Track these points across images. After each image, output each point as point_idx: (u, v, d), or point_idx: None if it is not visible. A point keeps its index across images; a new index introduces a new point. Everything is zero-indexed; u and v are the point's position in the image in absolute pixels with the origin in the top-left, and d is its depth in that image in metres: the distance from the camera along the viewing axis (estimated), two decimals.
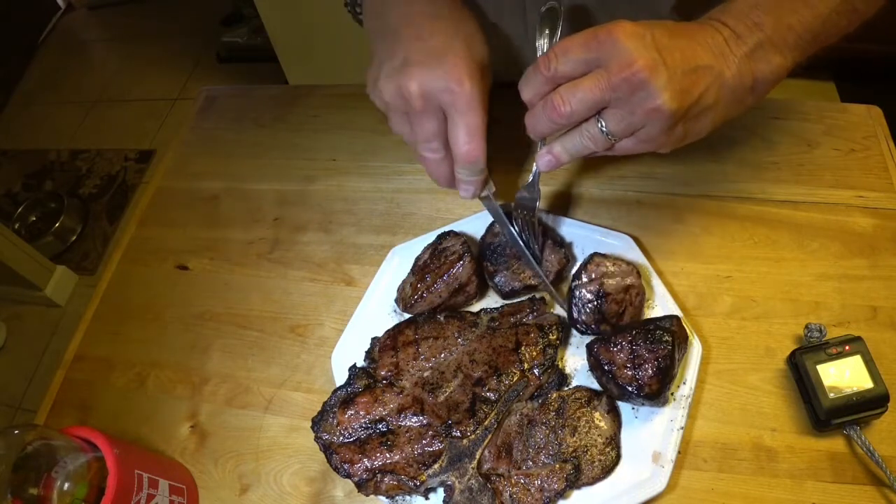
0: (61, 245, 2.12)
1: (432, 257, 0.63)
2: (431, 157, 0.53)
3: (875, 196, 0.67)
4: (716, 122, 0.48)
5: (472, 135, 0.50)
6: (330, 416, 0.56)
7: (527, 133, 0.50)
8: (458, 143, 0.50)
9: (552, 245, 0.62)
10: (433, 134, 0.51)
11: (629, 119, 0.45)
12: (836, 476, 0.53)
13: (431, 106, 0.50)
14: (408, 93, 0.49)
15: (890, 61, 1.76)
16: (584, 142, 0.48)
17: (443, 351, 0.58)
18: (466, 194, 0.56)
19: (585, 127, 0.47)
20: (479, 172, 0.53)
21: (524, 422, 0.55)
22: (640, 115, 0.44)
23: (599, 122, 0.46)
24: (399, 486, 0.53)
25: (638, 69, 0.42)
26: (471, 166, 0.52)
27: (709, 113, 0.47)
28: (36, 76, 2.80)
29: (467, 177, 0.54)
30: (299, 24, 1.72)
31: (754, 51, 0.47)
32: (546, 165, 0.52)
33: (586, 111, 0.46)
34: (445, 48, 0.50)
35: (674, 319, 0.54)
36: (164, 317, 0.72)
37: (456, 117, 0.49)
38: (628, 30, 0.43)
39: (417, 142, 0.53)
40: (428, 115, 0.50)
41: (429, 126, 0.51)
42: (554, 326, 0.57)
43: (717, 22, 0.48)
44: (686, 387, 0.55)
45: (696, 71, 0.45)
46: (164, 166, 0.86)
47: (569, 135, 0.49)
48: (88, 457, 0.50)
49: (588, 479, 0.52)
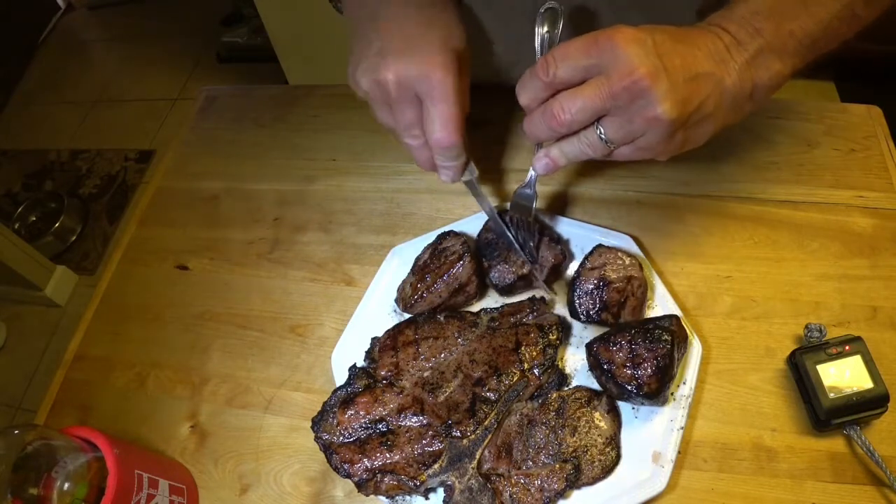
0: (61, 245, 2.12)
1: (432, 257, 0.63)
2: (412, 143, 0.55)
3: (875, 196, 0.67)
4: (715, 129, 0.48)
5: (446, 123, 0.51)
6: (330, 416, 0.56)
7: (525, 137, 0.51)
8: (433, 131, 0.51)
9: (548, 242, 0.63)
10: (412, 122, 0.53)
11: (628, 127, 0.45)
12: (836, 476, 0.53)
13: (408, 95, 0.51)
14: (385, 82, 0.50)
15: (890, 61, 1.76)
16: (583, 147, 0.48)
17: (443, 351, 0.58)
18: (447, 178, 0.57)
19: (584, 134, 0.47)
20: (455, 158, 0.54)
21: (524, 422, 0.55)
22: (640, 123, 0.44)
23: (598, 129, 0.46)
24: (399, 486, 0.53)
25: (639, 77, 0.42)
26: (446, 152, 0.53)
27: (709, 120, 0.47)
28: (36, 76, 2.80)
29: (444, 162, 0.55)
30: (299, 24, 1.72)
31: (755, 57, 0.47)
32: (543, 169, 0.52)
33: (586, 120, 0.45)
34: (422, 38, 0.51)
35: (673, 319, 0.54)
36: (164, 317, 0.72)
37: (430, 106, 0.50)
38: (629, 35, 0.42)
39: (400, 130, 0.54)
40: (406, 103, 0.51)
41: (408, 114, 0.52)
42: (554, 326, 0.57)
43: (718, 28, 0.48)
44: (686, 387, 0.55)
45: (696, 79, 0.44)
46: (164, 166, 0.86)
47: (567, 140, 0.49)
48: (88, 457, 0.50)
49: (588, 479, 0.52)
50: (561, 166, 0.51)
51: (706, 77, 0.45)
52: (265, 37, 1.84)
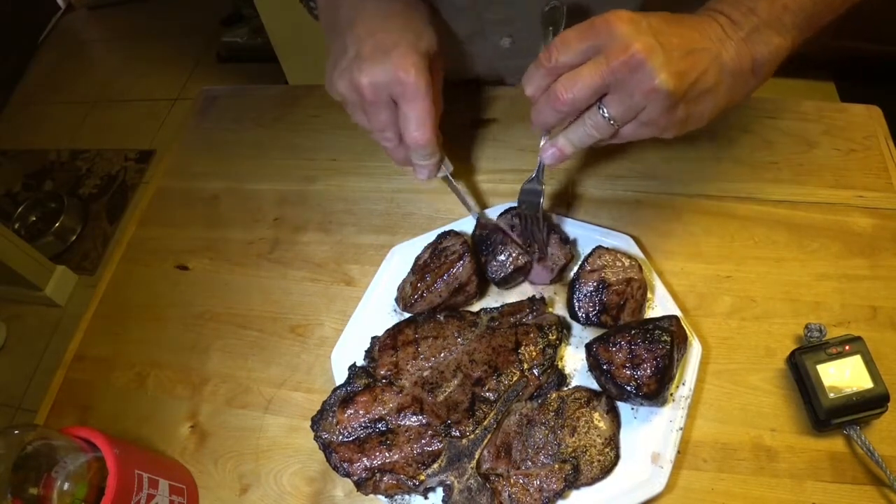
0: (61, 245, 2.12)
1: (432, 257, 0.63)
2: (388, 144, 0.57)
3: (875, 196, 0.67)
4: (718, 106, 0.49)
5: (420, 123, 0.53)
6: (329, 415, 0.56)
7: (532, 128, 0.51)
8: (408, 131, 0.54)
9: (558, 241, 0.62)
10: (386, 124, 0.55)
11: (629, 102, 0.46)
12: (836, 476, 0.53)
13: (382, 97, 0.53)
14: (359, 86, 0.52)
15: (890, 61, 1.75)
16: (588, 130, 0.49)
17: (442, 350, 0.58)
18: (422, 176, 0.60)
19: (588, 115, 0.48)
20: (430, 156, 0.57)
21: (523, 422, 0.55)
22: (640, 96, 0.45)
23: (601, 108, 0.47)
24: (398, 486, 0.53)
25: (635, 51, 0.43)
26: (421, 150, 0.56)
27: (709, 96, 0.48)
28: (36, 76, 2.80)
29: (420, 160, 0.58)
30: (299, 24, 1.72)
31: (751, 34, 0.48)
32: (551, 158, 0.52)
33: (588, 98, 0.46)
34: (394, 42, 0.53)
35: (673, 319, 0.54)
36: (164, 317, 0.72)
37: (405, 107, 0.53)
38: (624, 17, 0.44)
39: (376, 132, 0.57)
40: (380, 106, 0.54)
41: (382, 116, 0.55)
42: (553, 326, 0.57)
43: (713, 11, 0.49)
44: (685, 387, 0.55)
45: (693, 53, 0.45)
46: (164, 166, 0.86)
47: (572, 126, 0.50)
48: (88, 457, 0.50)
49: (587, 479, 0.52)
50: (568, 155, 0.52)
51: (703, 52, 0.46)
52: (265, 37, 1.84)
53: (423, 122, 0.53)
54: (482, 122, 0.79)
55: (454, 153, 0.64)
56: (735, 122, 0.74)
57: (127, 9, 2.95)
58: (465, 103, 0.80)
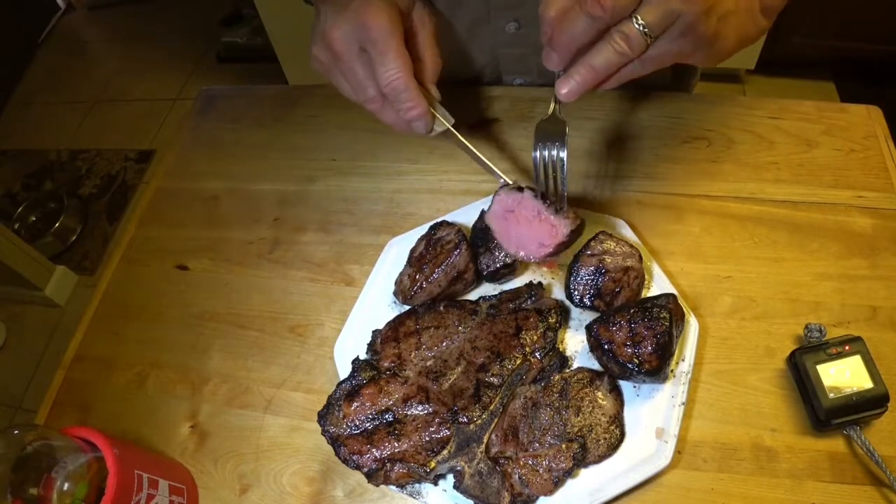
0: (61, 245, 2.12)
1: (428, 248, 0.63)
2: (373, 106, 0.56)
3: (875, 196, 0.67)
4: (739, 34, 0.48)
5: (390, 64, 0.52)
6: (336, 409, 0.56)
7: (545, 59, 0.48)
8: (380, 74, 0.52)
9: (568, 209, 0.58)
10: (364, 78, 0.54)
11: (665, 6, 0.43)
12: (836, 476, 0.53)
13: (353, 49, 0.53)
14: (330, 43, 0.53)
15: (890, 61, 1.76)
16: (617, 47, 0.45)
17: (444, 339, 0.58)
18: (419, 128, 0.57)
19: (618, 28, 0.45)
20: (413, 101, 0.54)
21: (529, 404, 0.55)
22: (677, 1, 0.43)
23: (634, 17, 0.44)
24: (409, 474, 0.53)
25: None
26: (400, 96, 0.53)
27: (732, 18, 0.47)
28: (36, 76, 2.80)
29: (407, 112, 0.55)
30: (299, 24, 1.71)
31: None
32: (569, 92, 0.47)
33: (629, 5, 0.44)
34: (362, 6, 0.53)
35: (670, 297, 0.55)
36: (164, 317, 0.72)
37: (372, 51, 0.52)
38: None
39: (357, 93, 0.56)
40: (354, 60, 0.53)
41: (359, 71, 0.54)
42: (553, 310, 0.58)
43: None
44: (685, 363, 0.56)
45: None
46: (164, 166, 0.86)
47: (595, 49, 0.46)
48: (88, 457, 0.50)
49: (594, 457, 0.53)
50: (589, 85, 0.47)
51: None
52: (265, 37, 1.85)
53: (393, 64, 0.51)
54: (482, 123, 0.79)
55: (454, 153, 0.63)
56: (735, 122, 0.74)
57: (127, 9, 2.95)
58: (465, 103, 0.80)
